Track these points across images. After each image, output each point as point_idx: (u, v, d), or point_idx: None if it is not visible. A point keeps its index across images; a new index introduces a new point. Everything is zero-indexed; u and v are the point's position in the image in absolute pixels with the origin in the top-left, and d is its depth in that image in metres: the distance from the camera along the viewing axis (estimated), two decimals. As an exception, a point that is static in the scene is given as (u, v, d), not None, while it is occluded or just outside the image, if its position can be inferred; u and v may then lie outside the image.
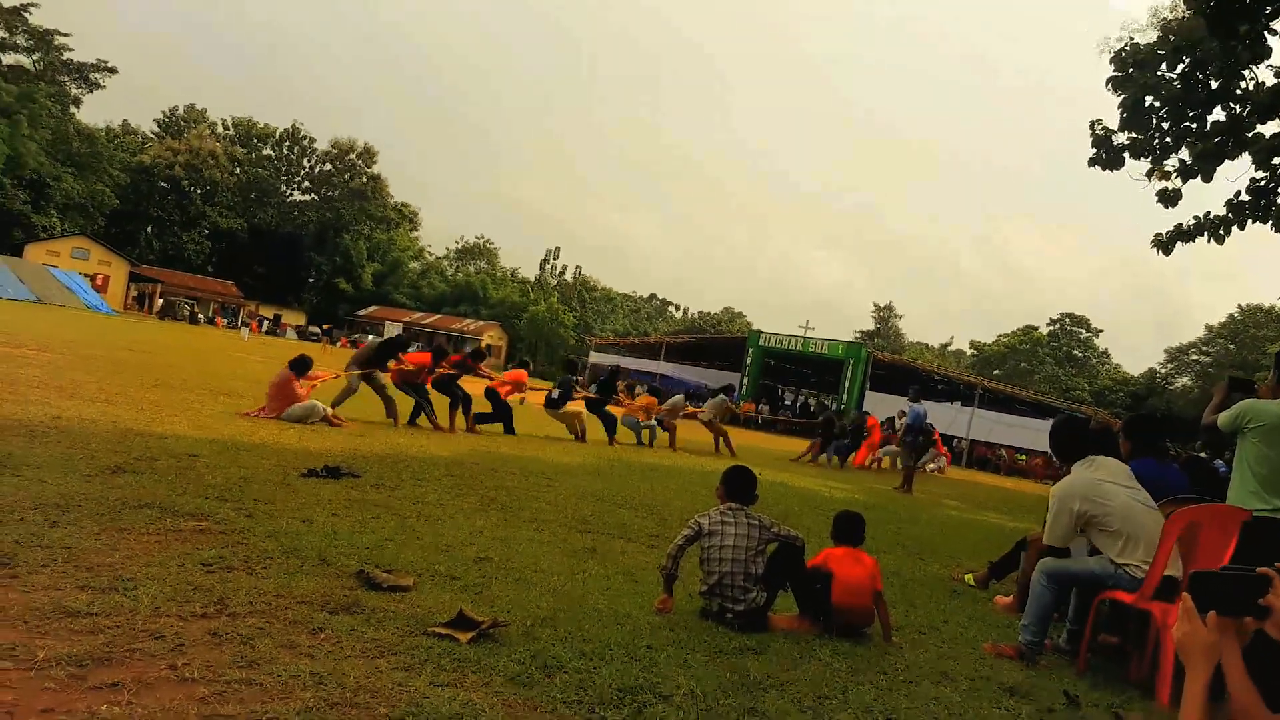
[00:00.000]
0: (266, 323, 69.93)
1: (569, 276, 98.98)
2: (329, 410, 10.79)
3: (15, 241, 61.96)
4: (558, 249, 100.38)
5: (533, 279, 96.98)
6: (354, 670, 3.01)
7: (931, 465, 24.35)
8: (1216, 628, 1.66)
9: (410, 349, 13.11)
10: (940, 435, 23.91)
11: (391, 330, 58.15)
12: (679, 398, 18.28)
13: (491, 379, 14.43)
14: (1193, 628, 1.68)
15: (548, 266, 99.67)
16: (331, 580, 4.05)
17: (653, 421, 16.80)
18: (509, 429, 13.76)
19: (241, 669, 2.88)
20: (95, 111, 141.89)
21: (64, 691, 2.55)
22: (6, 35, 64.19)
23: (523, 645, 3.54)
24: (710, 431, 17.85)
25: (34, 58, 68.08)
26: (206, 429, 8.44)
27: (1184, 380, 74.26)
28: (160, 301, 66.48)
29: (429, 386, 12.67)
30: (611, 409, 16.00)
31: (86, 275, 59.82)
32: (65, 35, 68.58)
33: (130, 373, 13.35)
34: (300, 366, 10.85)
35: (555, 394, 14.89)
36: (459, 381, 13.00)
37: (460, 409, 12.86)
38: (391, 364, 12.17)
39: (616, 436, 15.46)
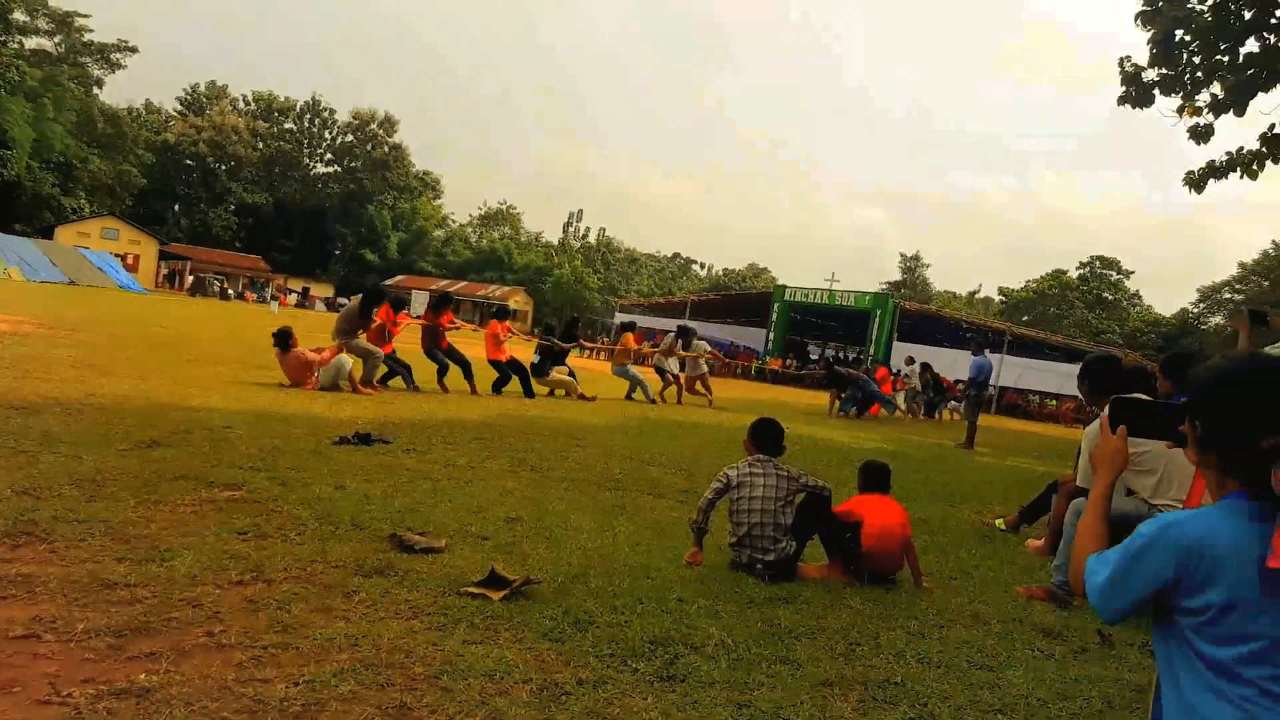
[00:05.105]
0: (295, 296, 70.36)
1: (592, 239, 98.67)
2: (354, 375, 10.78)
3: (46, 224, 62.64)
4: (580, 211, 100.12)
5: (556, 243, 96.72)
6: (389, 631, 3.05)
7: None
8: (1124, 440, 1.96)
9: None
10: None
11: (420, 299, 57.99)
12: (669, 337, 16.50)
13: (459, 327, 13.77)
14: (1104, 439, 2.01)
15: (571, 229, 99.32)
16: (365, 544, 4.09)
17: (634, 375, 15.49)
18: (526, 390, 13.15)
19: (278, 634, 2.93)
20: (118, 92, 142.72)
21: (104, 661, 2.61)
22: (28, 19, 64.34)
23: (555, 601, 3.57)
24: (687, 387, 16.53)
25: (55, 40, 68.33)
26: (239, 401, 8.52)
27: (1216, 319, 72.88)
28: (191, 279, 66.91)
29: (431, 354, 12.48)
30: (575, 359, 14.60)
31: (117, 255, 60.30)
32: (85, 16, 68.76)
33: (163, 350, 13.49)
34: (279, 340, 10.68)
35: (536, 359, 13.91)
36: (444, 345, 12.53)
37: (463, 374, 12.41)
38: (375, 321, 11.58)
39: (584, 390, 14.17)
